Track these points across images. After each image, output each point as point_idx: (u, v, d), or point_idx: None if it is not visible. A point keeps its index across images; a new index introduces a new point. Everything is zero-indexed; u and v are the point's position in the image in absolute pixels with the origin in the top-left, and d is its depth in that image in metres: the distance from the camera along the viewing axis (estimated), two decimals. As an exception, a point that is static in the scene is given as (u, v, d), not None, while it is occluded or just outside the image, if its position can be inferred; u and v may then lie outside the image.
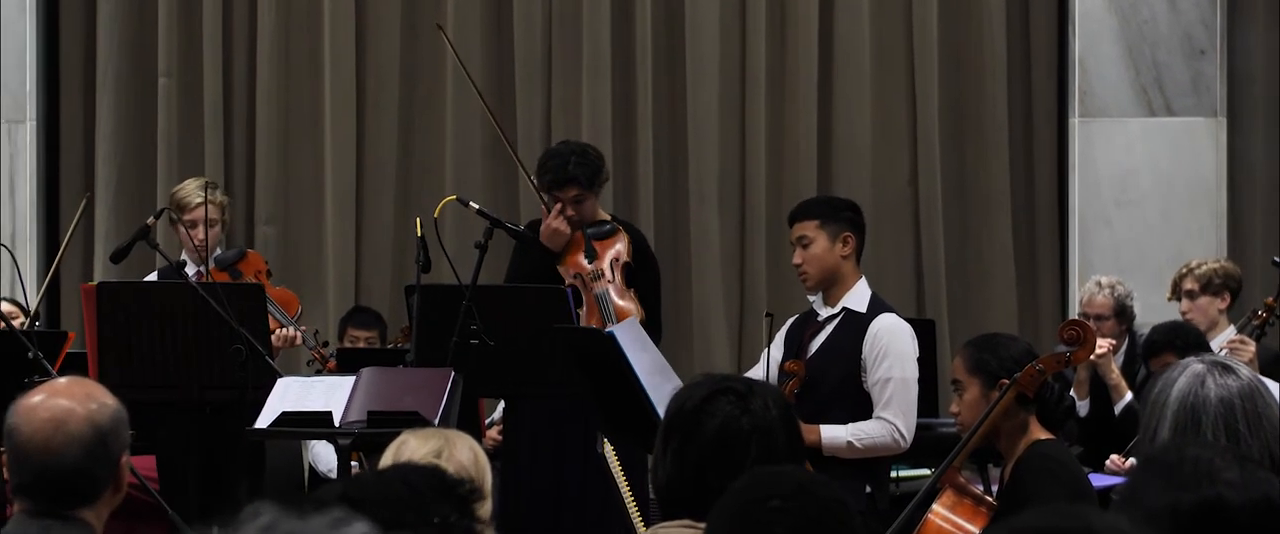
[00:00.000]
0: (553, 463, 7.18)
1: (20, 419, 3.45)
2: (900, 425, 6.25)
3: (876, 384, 6.25)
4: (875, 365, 6.26)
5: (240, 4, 9.19)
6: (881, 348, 6.26)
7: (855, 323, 6.32)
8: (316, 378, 6.41)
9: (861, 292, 6.40)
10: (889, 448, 6.28)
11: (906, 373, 6.28)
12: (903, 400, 6.25)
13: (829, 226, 6.38)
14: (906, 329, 6.39)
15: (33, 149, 9.03)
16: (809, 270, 6.38)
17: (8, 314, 7.13)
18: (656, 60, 9.11)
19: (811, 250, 6.37)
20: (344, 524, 1.85)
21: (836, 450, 6.20)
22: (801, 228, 6.43)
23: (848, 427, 6.23)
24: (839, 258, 6.37)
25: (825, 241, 6.37)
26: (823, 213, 6.44)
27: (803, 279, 6.47)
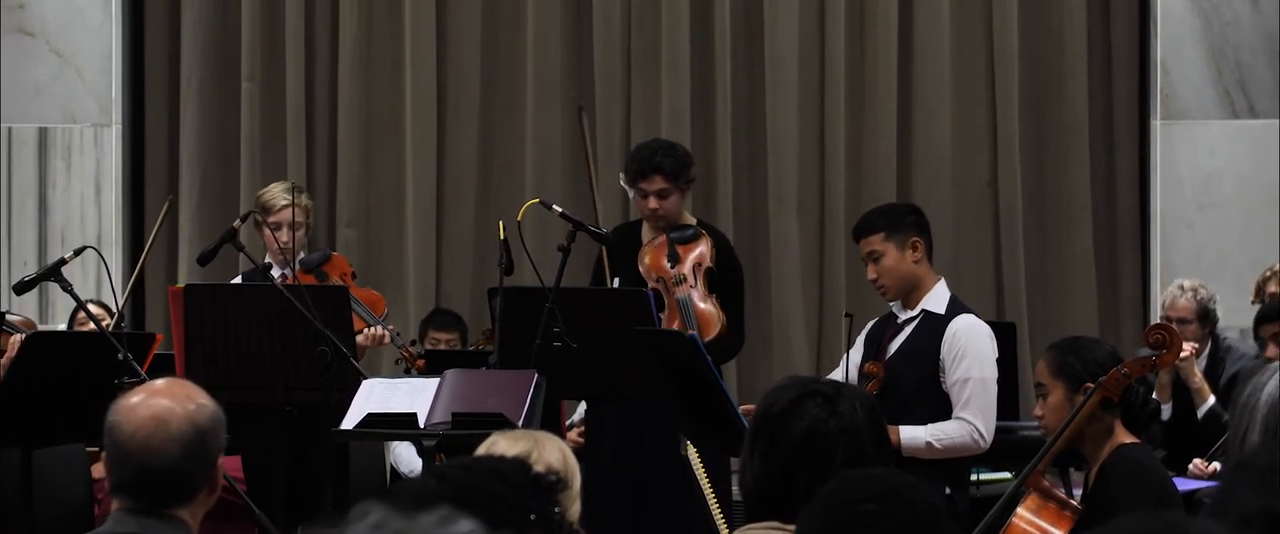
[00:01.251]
0: (635, 465, 7.20)
1: (121, 417, 3.50)
2: (979, 425, 6.23)
3: (955, 384, 6.24)
4: (953, 366, 6.25)
5: (323, 9, 9.25)
6: (959, 348, 6.25)
7: (934, 324, 6.32)
8: (401, 379, 6.45)
9: (940, 293, 6.39)
10: (969, 448, 6.26)
11: (985, 373, 6.27)
12: (982, 400, 6.24)
13: (895, 236, 6.36)
14: (985, 329, 6.37)
15: (118, 153, 9.12)
16: (886, 283, 6.38)
17: (95, 316, 7.20)
18: (735, 63, 9.12)
19: (884, 263, 6.37)
20: (451, 522, 1.88)
21: (916, 451, 6.20)
22: (869, 243, 6.42)
23: (927, 427, 6.22)
24: (911, 265, 6.36)
25: (895, 252, 6.36)
26: (887, 224, 6.40)
27: (882, 293, 6.47)
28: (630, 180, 7.27)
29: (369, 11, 9.21)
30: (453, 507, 1.84)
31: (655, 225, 7.32)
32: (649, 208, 7.25)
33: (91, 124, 9.10)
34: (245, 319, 6.59)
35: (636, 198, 7.29)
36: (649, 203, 7.24)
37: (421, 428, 5.99)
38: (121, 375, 5.97)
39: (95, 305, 7.68)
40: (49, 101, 9.07)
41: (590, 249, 8.26)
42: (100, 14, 9.07)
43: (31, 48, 9.05)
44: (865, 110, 9.13)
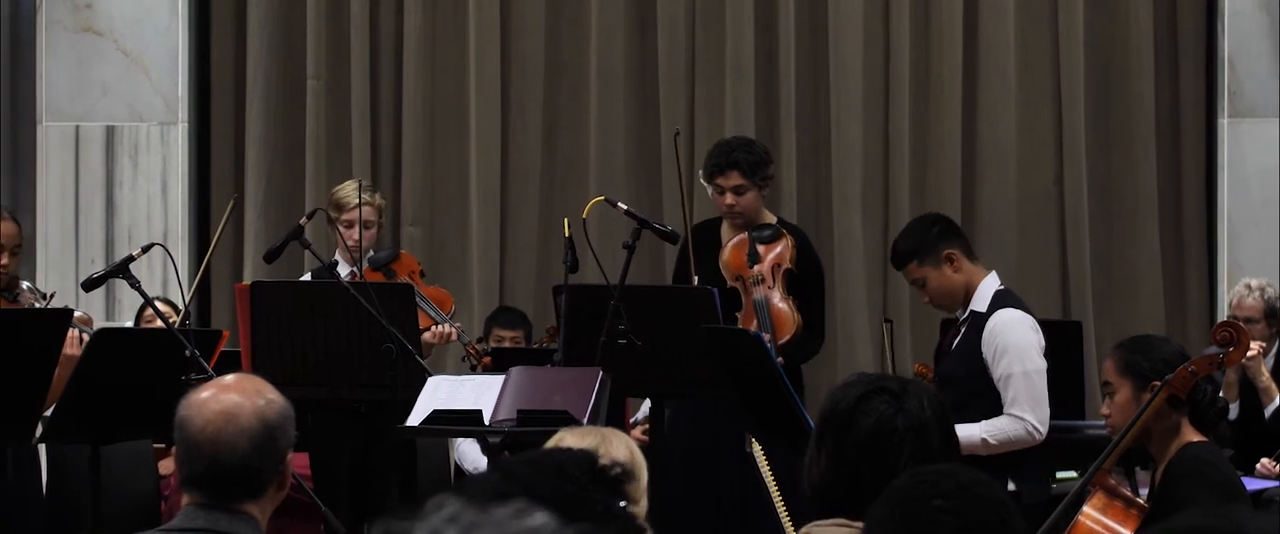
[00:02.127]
0: (699, 462, 7.21)
1: (192, 412, 3.52)
2: (1031, 419, 6.22)
3: (1000, 381, 6.24)
4: (995, 363, 6.26)
5: (387, 6, 9.28)
6: (997, 345, 6.25)
7: (978, 323, 6.34)
8: (466, 376, 6.47)
9: (985, 290, 6.39)
10: (1024, 441, 6.25)
11: (1027, 365, 6.24)
12: (1029, 393, 6.22)
13: (930, 259, 6.38)
14: (1022, 319, 6.33)
15: (185, 151, 9.17)
16: (940, 302, 6.45)
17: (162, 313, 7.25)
18: (800, 61, 9.11)
19: (930, 286, 6.41)
20: (526, 515, 1.88)
21: (972, 448, 6.19)
22: (908, 272, 6.45)
23: (981, 424, 6.22)
24: (954, 276, 6.38)
25: (935, 273, 6.38)
26: (916, 248, 6.40)
27: (942, 309, 6.51)
28: (707, 176, 7.30)
29: (433, 8, 9.23)
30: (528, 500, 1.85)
31: (733, 222, 7.33)
32: (725, 204, 7.27)
33: (158, 122, 9.15)
34: (311, 316, 6.62)
35: (713, 194, 7.31)
36: (725, 199, 7.25)
37: (487, 425, 6.01)
38: (188, 372, 6.00)
39: (162, 302, 7.73)
40: (116, 100, 9.13)
41: (655, 247, 8.28)
42: (167, 13, 9.12)
43: (99, 46, 9.12)
44: (930, 109, 9.10)
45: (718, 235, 7.41)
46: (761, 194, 7.35)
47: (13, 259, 6.78)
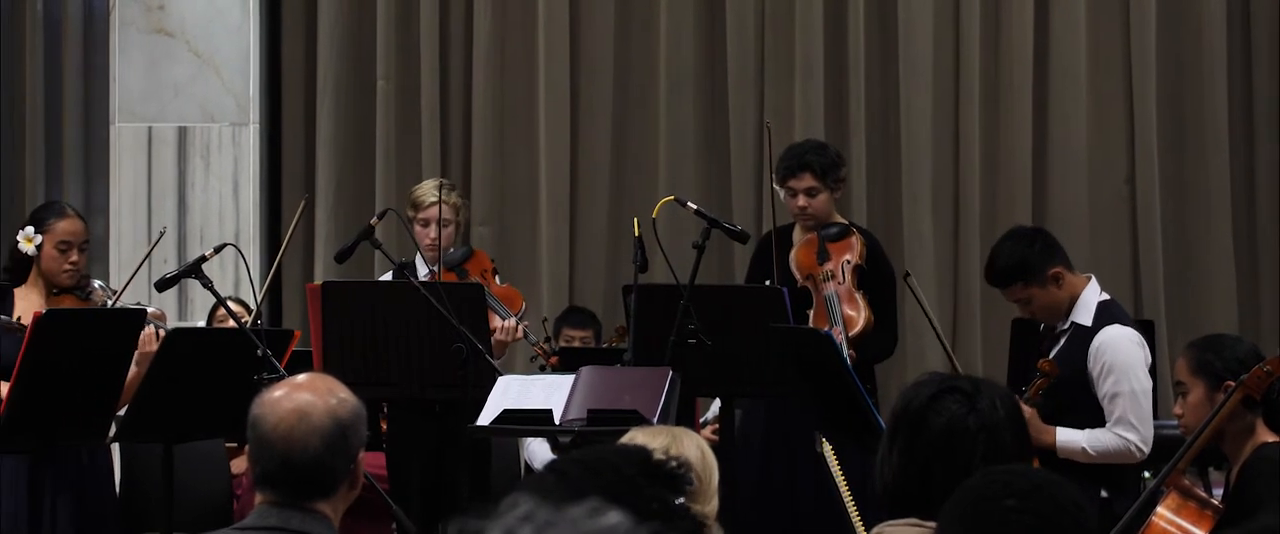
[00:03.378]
0: (769, 462, 7.20)
1: (264, 410, 3.53)
2: (1134, 438, 6.19)
3: (1105, 399, 6.20)
4: (1101, 381, 6.21)
5: (457, 7, 9.30)
6: (1104, 363, 6.21)
7: (1081, 337, 6.30)
8: (536, 376, 6.48)
9: (1087, 302, 6.34)
10: (1125, 458, 6.23)
11: (1134, 385, 6.21)
12: (1135, 413, 6.20)
13: (1037, 277, 6.33)
14: (1130, 337, 6.29)
15: (256, 151, 9.21)
16: (1047, 318, 6.40)
17: (235, 313, 7.29)
18: (869, 62, 9.08)
19: (1036, 304, 6.36)
20: (600, 513, 1.88)
21: (1071, 455, 6.18)
22: (1013, 293, 6.40)
23: (1086, 432, 6.19)
24: (1061, 293, 6.34)
25: (1040, 291, 6.34)
26: (1023, 271, 6.34)
27: (1046, 322, 6.46)
28: (780, 179, 7.29)
29: (503, 9, 9.25)
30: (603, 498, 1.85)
31: (804, 225, 7.33)
32: (797, 206, 7.26)
33: (230, 123, 9.20)
34: (382, 316, 6.64)
35: (786, 196, 7.30)
36: (798, 201, 7.25)
37: (557, 425, 6.01)
38: (260, 371, 6.03)
39: (234, 302, 7.77)
40: (188, 101, 9.18)
41: (724, 246, 8.27)
42: (239, 14, 9.17)
43: (171, 48, 9.17)
44: (1000, 108, 9.06)
45: (790, 237, 7.41)
46: (833, 196, 7.34)
47: (82, 256, 6.83)
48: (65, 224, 6.80)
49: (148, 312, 6.62)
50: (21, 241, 6.78)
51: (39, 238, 6.76)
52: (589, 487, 2.69)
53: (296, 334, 6.72)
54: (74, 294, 6.80)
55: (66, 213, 6.88)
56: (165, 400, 6.19)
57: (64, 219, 6.82)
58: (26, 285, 6.76)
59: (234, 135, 9.19)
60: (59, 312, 6.39)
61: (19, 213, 9.04)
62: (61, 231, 6.78)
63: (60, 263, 6.76)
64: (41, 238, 6.76)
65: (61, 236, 6.77)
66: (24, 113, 9.55)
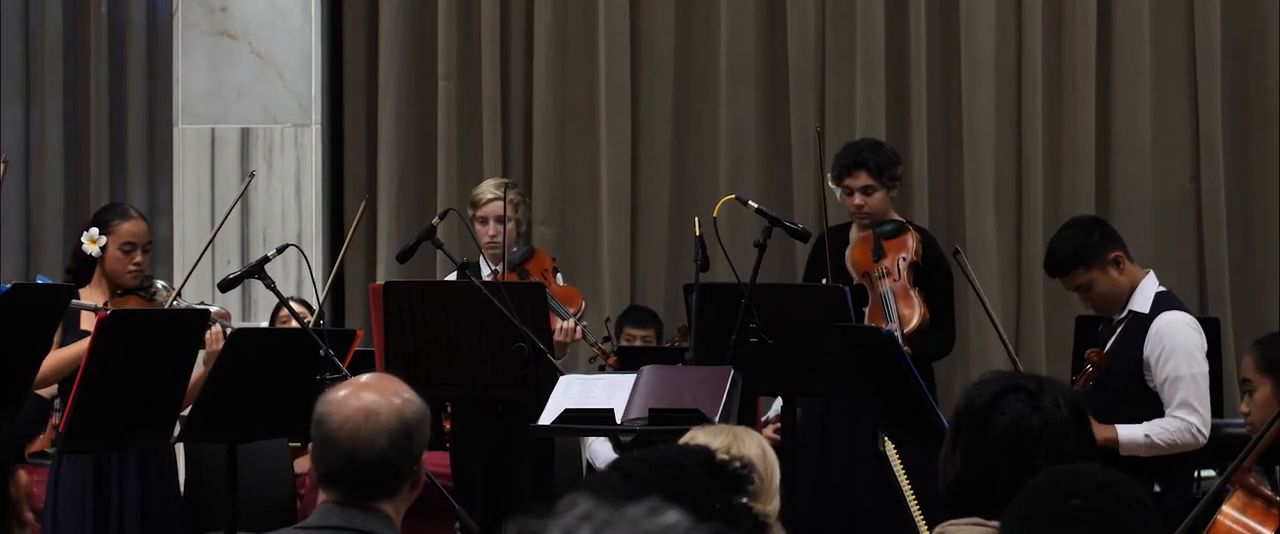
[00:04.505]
0: (831, 460, 7.19)
1: (330, 409, 3.54)
2: (1195, 421, 6.20)
3: (1164, 383, 6.21)
4: (1160, 365, 6.22)
5: (517, 6, 9.32)
6: (1163, 347, 6.22)
7: (1139, 324, 6.32)
8: (597, 375, 6.48)
9: (1146, 291, 6.37)
10: (1188, 444, 6.21)
11: (1193, 369, 6.22)
12: (1194, 395, 6.21)
13: (1097, 264, 6.35)
14: (1188, 323, 6.33)
15: (318, 152, 9.25)
16: (1104, 306, 6.43)
17: (297, 313, 7.32)
18: (930, 59, 9.05)
19: (1097, 291, 6.38)
20: (659, 513, 1.88)
21: (1135, 449, 6.16)
22: (1073, 280, 6.41)
23: (1143, 425, 6.17)
24: (1120, 280, 6.36)
25: (1103, 277, 6.36)
26: (1084, 256, 6.37)
27: (1105, 313, 6.46)
28: (836, 178, 7.28)
29: (563, 7, 9.26)
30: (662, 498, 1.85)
31: (861, 224, 7.31)
32: (853, 205, 7.24)
33: (292, 124, 9.24)
34: (444, 316, 6.65)
35: (842, 195, 7.29)
36: (854, 200, 7.23)
37: (618, 424, 6.01)
38: (323, 371, 6.05)
39: (296, 302, 7.80)
40: (251, 102, 9.22)
41: (785, 245, 8.25)
42: (300, 16, 9.21)
43: (234, 50, 9.22)
44: (1063, 105, 9.01)
45: (846, 237, 7.40)
46: (890, 195, 7.31)
47: (146, 257, 6.87)
48: (129, 225, 6.84)
49: (212, 311, 6.65)
50: (86, 243, 6.82)
51: (103, 239, 6.80)
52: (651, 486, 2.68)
53: (359, 334, 6.74)
54: (138, 295, 6.84)
55: (130, 214, 6.92)
56: (229, 400, 6.22)
57: (128, 220, 6.86)
58: (91, 286, 6.81)
59: (296, 136, 9.23)
60: (123, 312, 6.42)
61: (83, 214, 9.10)
62: (126, 233, 6.82)
63: (124, 264, 6.80)
64: (106, 239, 6.80)
65: (126, 238, 6.81)
66: (89, 115, 9.61)
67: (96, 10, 9.56)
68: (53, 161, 9.61)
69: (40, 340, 6.11)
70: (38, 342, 6.08)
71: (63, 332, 6.56)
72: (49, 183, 9.61)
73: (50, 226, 9.60)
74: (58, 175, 9.64)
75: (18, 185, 9.68)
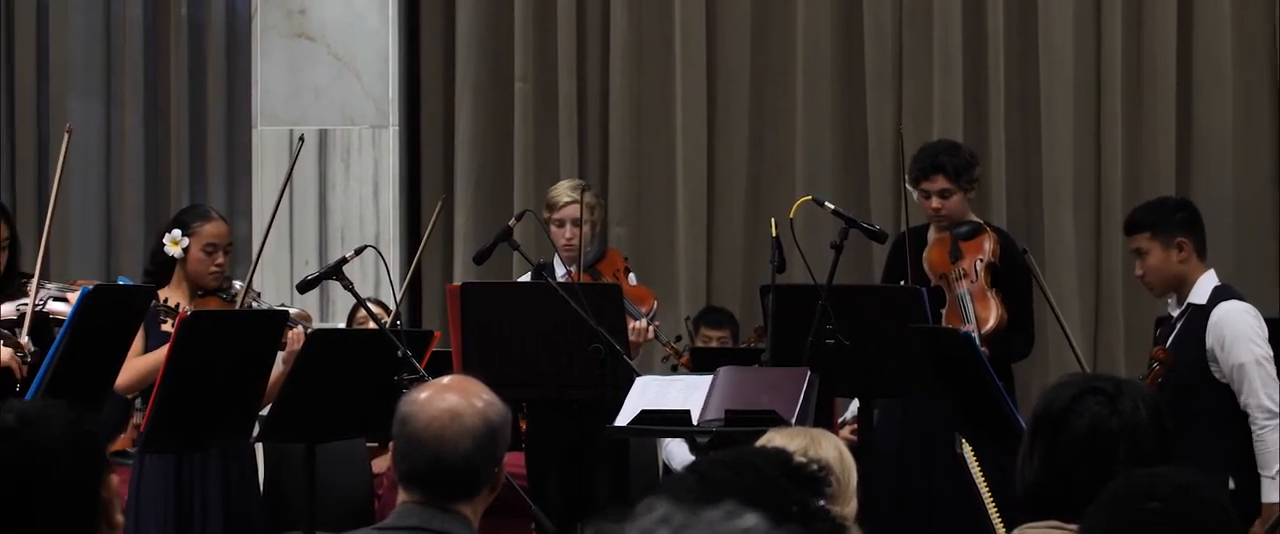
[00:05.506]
0: (909, 463, 7.16)
1: (415, 410, 3.56)
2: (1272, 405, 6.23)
3: (1232, 370, 6.29)
4: (1225, 353, 6.30)
5: (593, 8, 9.33)
6: (1225, 335, 6.32)
7: (1199, 316, 6.39)
8: (674, 376, 6.48)
9: (1204, 285, 6.45)
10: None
11: (1256, 352, 6.32)
12: (1263, 378, 6.25)
13: (1161, 236, 6.39)
14: (1245, 309, 6.40)
15: (395, 153, 9.28)
16: (1151, 280, 6.48)
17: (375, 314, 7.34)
18: (1008, 58, 9.00)
19: (1149, 261, 6.42)
20: (736, 517, 1.88)
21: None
22: (1135, 241, 6.48)
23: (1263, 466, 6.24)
24: (1176, 264, 6.39)
25: (1160, 251, 6.38)
26: (1154, 222, 6.45)
27: (1148, 288, 6.51)
28: (913, 180, 7.26)
29: (639, 9, 9.26)
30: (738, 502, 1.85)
31: (939, 226, 7.29)
32: (931, 208, 7.23)
33: (369, 125, 9.28)
34: (520, 317, 6.67)
35: (919, 198, 7.27)
36: (931, 203, 7.22)
37: (695, 425, 6.01)
38: (401, 372, 6.07)
39: (373, 303, 7.83)
40: (328, 104, 9.27)
41: (862, 247, 8.23)
42: (378, 18, 9.25)
43: (312, 52, 9.26)
44: (1143, 104, 8.95)
45: (925, 238, 7.38)
46: (967, 197, 7.29)
47: (227, 258, 6.92)
48: (210, 226, 6.89)
49: (291, 312, 6.69)
50: (168, 244, 6.87)
51: (185, 240, 6.85)
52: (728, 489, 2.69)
53: (436, 335, 6.77)
54: (218, 296, 6.89)
55: (211, 215, 6.98)
56: (307, 401, 6.26)
57: (209, 222, 6.91)
58: (170, 287, 6.85)
59: (374, 137, 9.27)
60: (204, 313, 6.47)
61: (163, 215, 9.17)
62: (207, 234, 6.87)
63: (206, 265, 6.85)
64: (188, 241, 6.85)
65: (207, 239, 6.86)
66: (168, 116, 9.68)
67: (176, 13, 9.62)
68: (133, 162, 9.69)
69: (121, 341, 6.16)
70: (118, 342, 6.13)
71: (144, 333, 6.61)
72: (129, 183, 9.69)
73: (130, 227, 9.67)
74: (138, 176, 9.71)
75: (97, 185, 9.76)
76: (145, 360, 6.58)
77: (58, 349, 5.80)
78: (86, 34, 9.73)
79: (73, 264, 9.37)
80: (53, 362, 5.78)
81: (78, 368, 5.83)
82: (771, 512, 2.11)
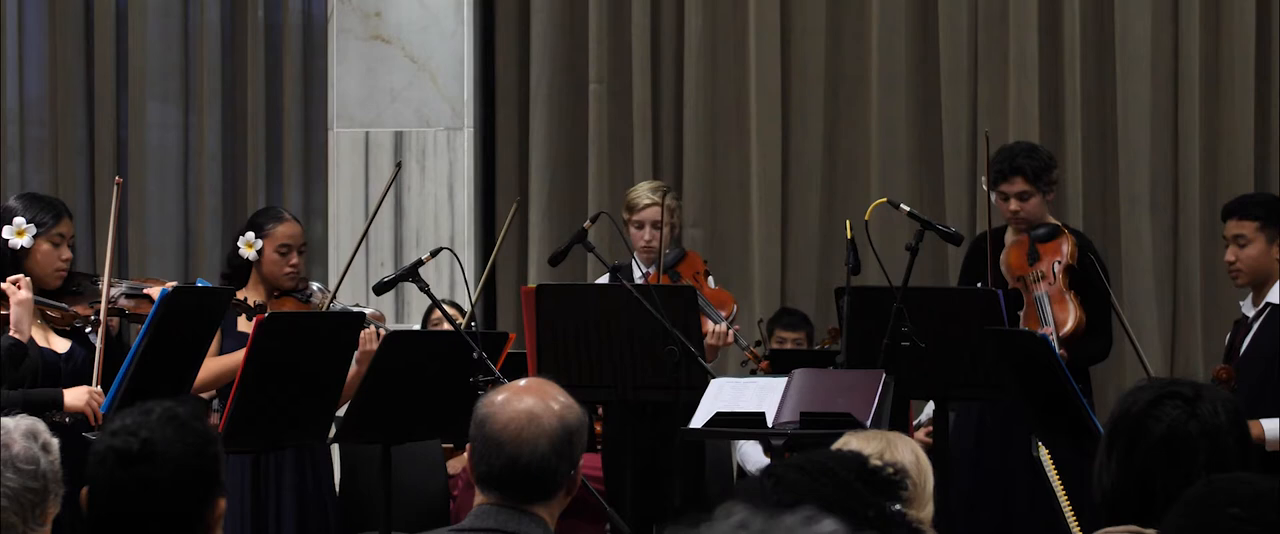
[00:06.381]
0: (985, 466, 7.14)
1: (493, 410, 3.57)
2: None
3: None
4: None
5: (668, 9, 9.33)
6: None
7: (1276, 315, 6.27)
8: (749, 379, 6.47)
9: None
10: None
11: None
12: None
13: (1269, 230, 6.34)
14: None
15: (470, 155, 9.31)
16: (1241, 268, 6.41)
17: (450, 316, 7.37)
18: (1085, 60, 8.95)
19: (1247, 251, 6.34)
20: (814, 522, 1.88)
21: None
22: (1239, 226, 6.40)
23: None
24: (1273, 260, 6.33)
25: (1263, 244, 6.32)
26: (1265, 215, 6.39)
27: (1233, 277, 6.48)
28: (991, 183, 7.24)
29: (714, 11, 9.26)
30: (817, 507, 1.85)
31: (1017, 228, 7.27)
32: (1009, 210, 7.20)
33: (444, 128, 9.31)
34: (596, 318, 6.68)
35: (997, 200, 7.24)
36: (1010, 205, 7.19)
37: (770, 427, 6.00)
38: (476, 374, 6.09)
39: (449, 305, 7.85)
40: (404, 106, 9.31)
41: (937, 248, 8.20)
42: (453, 20, 9.28)
43: (388, 54, 9.30)
44: (1221, 105, 8.89)
45: (1003, 240, 7.35)
46: (1046, 199, 7.26)
47: (301, 259, 6.96)
48: (284, 228, 6.93)
49: (366, 314, 6.72)
50: (242, 247, 6.92)
51: (259, 242, 6.89)
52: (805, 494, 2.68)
53: (511, 337, 6.78)
54: (293, 297, 6.92)
55: (284, 217, 7.01)
56: (383, 402, 6.28)
57: (283, 223, 6.95)
58: (247, 289, 6.90)
59: (449, 139, 9.30)
60: (280, 315, 6.51)
61: (240, 216, 9.23)
62: (281, 236, 6.91)
63: (280, 266, 6.89)
64: (262, 242, 6.89)
65: (281, 241, 6.90)
66: (245, 118, 9.74)
67: (253, 16, 9.69)
68: (210, 164, 9.76)
69: (200, 342, 6.20)
70: (197, 343, 6.18)
71: (220, 335, 6.66)
72: (206, 185, 9.75)
73: (208, 229, 9.74)
74: (215, 178, 9.78)
75: (175, 188, 9.83)
76: (221, 361, 6.63)
77: (137, 350, 5.84)
78: (164, 39, 9.80)
79: (151, 267, 9.44)
80: (132, 362, 5.82)
81: (157, 369, 5.87)
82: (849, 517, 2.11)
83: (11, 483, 3.79)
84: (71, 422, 5.88)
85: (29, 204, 6.19)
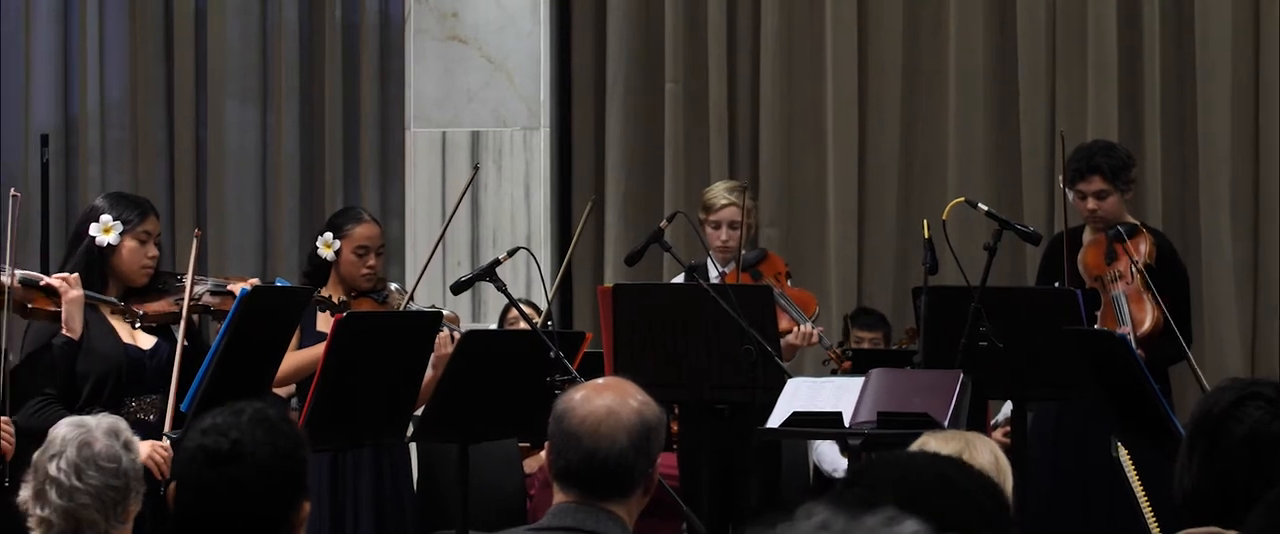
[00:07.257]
0: (1064, 466, 7.10)
1: (572, 406, 3.58)
2: None
3: None
4: None
5: (744, 9, 9.32)
6: None
7: None
8: (826, 379, 6.47)
9: None
10: None
11: None
12: None
13: None
14: None
15: (546, 155, 9.33)
16: None
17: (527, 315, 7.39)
18: (1164, 59, 8.89)
19: None
20: (896, 523, 1.88)
21: None
22: None
23: None
24: None
25: None
26: None
27: None
28: (1069, 182, 7.20)
29: (790, 10, 9.25)
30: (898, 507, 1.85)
31: (1095, 227, 7.23)
32: (1087, 209, 7.17)
33: (521, 127, 9.33)
34: (672, 318, 6.68)
35: (1075, 199, 7.21)
36: (1087, 204, 7.15)
37: (847, 427, 5.99)
38: (553, 373, 6.10)
39: (525, 304, 7.87)
40: (481, 106, 9.34)
41: (1016, 248, 8.17)
42: (530, 20, 9.30)
43: (464, 55, 9.34)
44: (1301, 104, 8.82)
45: (1080, 239, 7.32)
46: (1124, 198, 7.22)
47: (379, 260, 6.98)
48: (362, 229, 6.96)
49: (443, 314, 6.74)
50: (320, 247, 6.95)
51: (337, 243, 6.93)
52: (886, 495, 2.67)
53: (588, 336, 6.79)
54: (371, 297, 6.95)
55: (363, 218, 7.04)
56: (460, 401, 6.30)
57: (361, 224, 6.98)
58: (326, 288, 6.93)
59: (525, 139, 9.32)
60: (358, 314, 6.53)
61: (318, 216, 9.27)
62: (359, 236, 6.94)
63: (358, 267, 6.92)
64: (339, 243, 6.92)
65: (359, 241, 6.93)
66: (322, 118, 9.79)
67: (330, 15, 9.74)
68: (288, 164, 9.81)
69: (279, 341, 6.23)
70: (276, 342, 6.21)
71: (300, 333, 6.69)
72: (284, 185, 9.81)
73: (286, 229, 9.79)
74: (293, 178, 9.83)
75: (253, 188, 9.90)
76: (299, 355, 6.66)
77: (217, 349, 5.88)
78: (242, 39, 9.87)
79: (229, 268, 9.50)
80: (211, 362, 5.86)
81: (236, 369, 5.91)
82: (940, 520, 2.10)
83: (94, 481, 3.83)
84: (153, 420, 5.93)
85: (115, 202, 6.23)
